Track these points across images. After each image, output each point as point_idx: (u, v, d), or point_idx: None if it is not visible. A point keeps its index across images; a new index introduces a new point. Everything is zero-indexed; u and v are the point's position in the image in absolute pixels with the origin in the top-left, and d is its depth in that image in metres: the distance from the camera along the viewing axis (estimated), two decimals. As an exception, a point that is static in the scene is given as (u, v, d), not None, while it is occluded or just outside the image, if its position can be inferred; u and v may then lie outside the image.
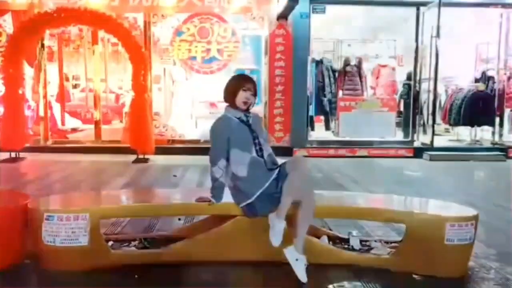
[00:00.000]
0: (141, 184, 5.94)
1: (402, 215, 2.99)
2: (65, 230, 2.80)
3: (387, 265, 2.97)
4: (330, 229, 3.58)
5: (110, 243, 3.21)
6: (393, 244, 3.25)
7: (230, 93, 3.04)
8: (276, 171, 2.95)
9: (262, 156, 2.99)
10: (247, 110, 3.06)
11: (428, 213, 2.95)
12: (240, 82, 3.04)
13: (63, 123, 10.46)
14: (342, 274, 2.89)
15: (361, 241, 3.29)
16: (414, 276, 2.85)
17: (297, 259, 2.81)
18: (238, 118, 3.03)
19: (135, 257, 3.04)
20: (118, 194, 3.82)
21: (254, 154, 2.97)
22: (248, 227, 3.00)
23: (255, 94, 3.06)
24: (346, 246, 3.25)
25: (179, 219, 4.06)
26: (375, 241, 3.33)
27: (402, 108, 10.04)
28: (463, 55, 10.78)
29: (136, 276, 2.83)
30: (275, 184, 2.91)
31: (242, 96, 3.00)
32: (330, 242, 3.24)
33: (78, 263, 2.84)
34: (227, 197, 3.02)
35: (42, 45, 8.89)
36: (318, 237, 3.22)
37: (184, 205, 3.16)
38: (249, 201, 2.93)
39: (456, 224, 2.81)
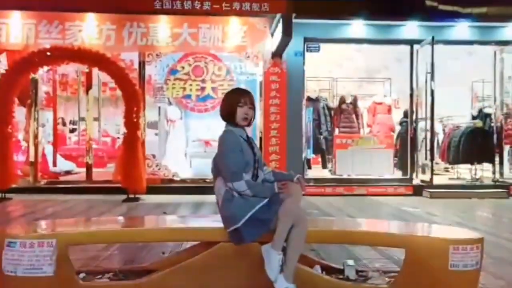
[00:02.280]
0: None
1: (401, 238, 2.72)
2: (28, 258, 2.53)
3: (386, 296, 2.68)
4: (323, 259, 3.30)
5: (82, 275, 2.93)
6: (392, 274, 2.96)
7: (227, 113, 2.84)
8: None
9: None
10: (248, 125, 2.87)
11: (429, 236, 2.69)
12: (234, 98, 2.84)
13: (54, 165, 10.25)
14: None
15: (357, 271, 3.00)
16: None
17: (286, 289, 2.56)
18: (241, 137, 2.84)
19: (106, 289, 2.76)
20: (92, 221, 3.56)
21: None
22: (232, 255, 2.74)
23: (253, 107, 2.86)
24: (340, 276, 2.96)
25: (163, 253, 3.79)
26: (373, 271, 3.04)
27: (399, 147, 9.90)
28: (459, 93, 10.78)
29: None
30: (266, 209, 2.67)
31: (240, 112, 2.80)
32: (324, 272, 2.95)
33: (42, 296, 2.56)
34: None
35: (36, 88, 8.85)
36: (311, 267, 2.94)
37: (161, 231, 2.90)
38: (236, 225, 2.68)
39: (460, 247, 2.55)
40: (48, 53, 7.50)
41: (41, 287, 2.55)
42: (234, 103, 2.82)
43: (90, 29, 8.42)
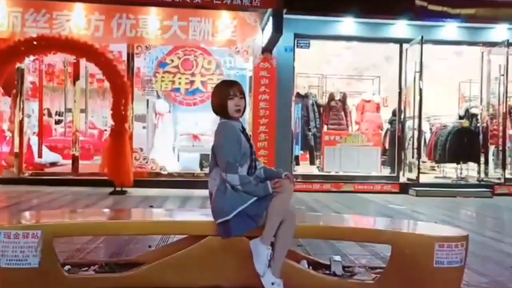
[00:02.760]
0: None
1: (388, 234, 2.75)
2: (12, 249, 2.50)
3: (372, 292, 2.70)
4: (310, 255, 3.31)
5: (67, 267, 2.90)
6: (378, 270, 2.98)
7: (219, 107, 2.80)
8: None
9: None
10: (241, 115, 2.84)
11: (415, 233, 2.72)
12: (223, 92, 2.80)
13: (40, 156, 10.11)
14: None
15: (343, 267, 3.02)
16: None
17: (273, 283, 2.57)
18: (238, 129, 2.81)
19: (92, 282, 2.73)
20: (78, 213, 3.52)
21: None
22: (219, 249, 2.73)
23: (243, 96, 2.83)
24: (327, 272, 2.97)
25: (150, 246, 3.76)
26: (359, 266, 3.06)
27: (387, 145, 9.98)
28: (446, 92, 10.90)
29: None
30: (256, 205, 2.66)
31: (231, 104, 2.76)
32: (310, 267, 2.97)
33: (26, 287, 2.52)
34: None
35: (22, 78, 8.70)
36: (298, 262, 2.95)
37: (147, 224, 2.88)
38: (226, 218, 2.66)
39: (445, 244, 2.58)
40: (35, 42, 7.36)
41: (25, 278, 2.52)
42: (224, 97, 2.79)
43: (78, 19, 8.29)
